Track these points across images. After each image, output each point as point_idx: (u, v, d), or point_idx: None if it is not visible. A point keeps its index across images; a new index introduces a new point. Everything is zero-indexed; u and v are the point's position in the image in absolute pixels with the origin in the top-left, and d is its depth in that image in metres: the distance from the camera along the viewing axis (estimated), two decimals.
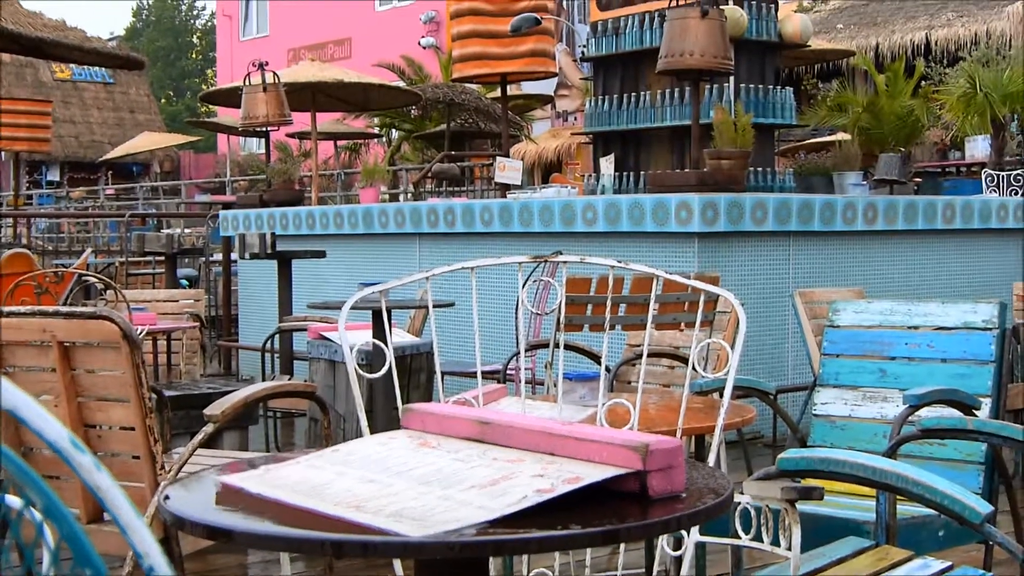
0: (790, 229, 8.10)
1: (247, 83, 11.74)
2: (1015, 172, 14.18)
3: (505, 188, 10.83)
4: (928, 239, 9.02)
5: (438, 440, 2.08)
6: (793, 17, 10.53)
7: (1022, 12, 19.29)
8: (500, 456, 1.94)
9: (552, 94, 24.97)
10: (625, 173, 10.38)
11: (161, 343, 7.73)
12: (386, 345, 3.09)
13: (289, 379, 7.12)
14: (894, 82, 15.18)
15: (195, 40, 74.46)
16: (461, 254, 9.42)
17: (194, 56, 73.81)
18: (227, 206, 14.22)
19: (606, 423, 3.17)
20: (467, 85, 18.10)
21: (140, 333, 5.33)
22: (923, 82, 16.36)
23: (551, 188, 10.08)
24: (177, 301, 8.24)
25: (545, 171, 23.14)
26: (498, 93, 13.50)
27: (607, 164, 10.43)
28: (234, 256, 10.90)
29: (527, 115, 24.06)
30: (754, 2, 9.92)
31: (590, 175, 10.89)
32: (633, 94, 10.45)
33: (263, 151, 15.09)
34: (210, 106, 35.94)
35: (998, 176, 13.96)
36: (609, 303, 3.78)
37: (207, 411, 3.69)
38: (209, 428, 3.69)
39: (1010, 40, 18.80)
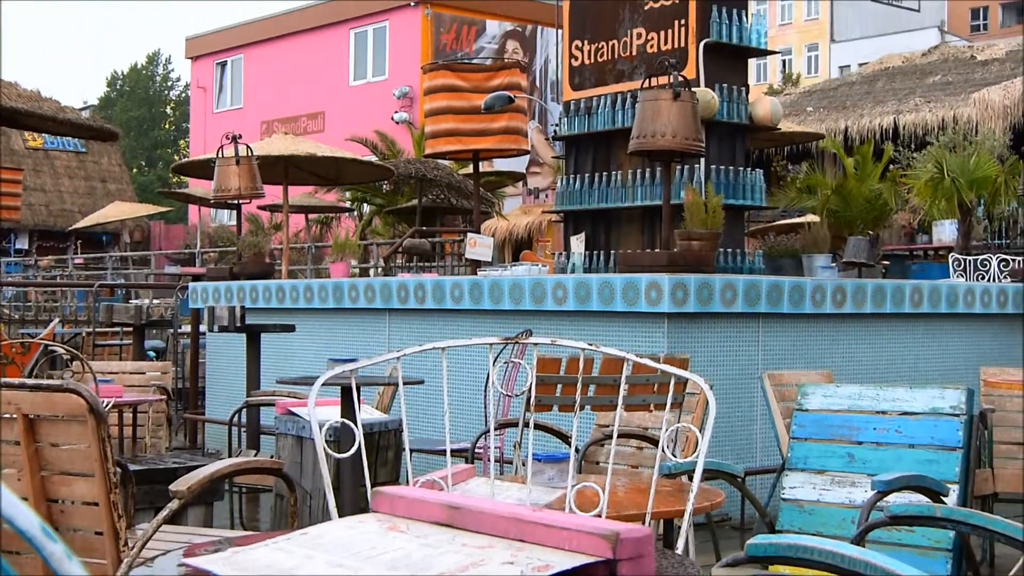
0: (759, 311, 8.13)
1: (220, 155, 11.75)
2: (981, 257, 14.29)
3: (476, 264, 10.85)
4: (896, 323, 9.07)
5: (407, 524, 2.06)
6: (763, 100, 10.64)
7: (988, 99, 19.54)
8: (469, 542, 1.92)
9: (524, 171, 25.13)
10: (596, 252, 10.42)
11: (127, 415, 7.66)
12: (355, 424, 3.07)
13: (256, 454, 7.06)
14: (863, 165, 15.33)
15: (168, 111, 74.69)
16: (431, 330, 9.41)
17: (167, 126, 74.01)
18: (197, 278, 14.17)
19: (575, 506, 3.16)
20: (439, 161, 18.21)
21: (106, 406, 5.28)
22: (891, 166, 16.52)
23: (522, 266, 10.09)
24: (144, 373, 8.19)
25: (516, 248, 23.22)
26: (470, 169, 13.57)
27: (578, 243, 10.47)
28: (203, 328, 10.86)
29: (499, 191, 24.17)
30: (725, 85, 10.02)
31: (561, 253, 10.92)
32: (604, 173, 10.52)
33: (234, 223, 15.09)
34: (182, 177, 35.99)
35: (965, 260, 14.07)
36: (579, 384, 3.78)
37: (173, 487, 3.65)
38: (174, 504, 3.65)
39: (976, 126, 19.03)
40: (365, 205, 25.20)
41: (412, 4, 33.13)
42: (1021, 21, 75.59)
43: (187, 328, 13.18)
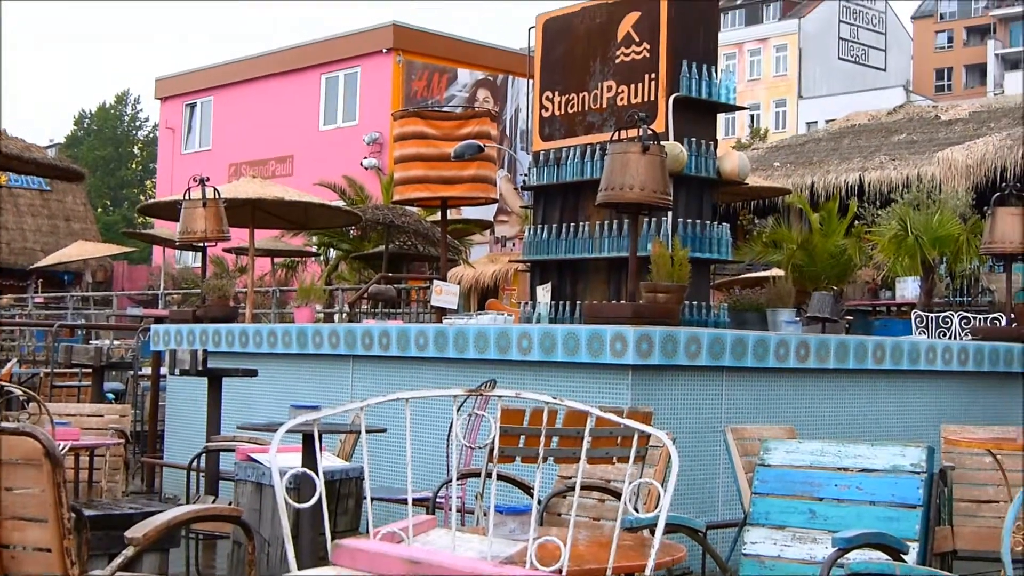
0: (723, 364, 8.14)
1: (187, 197, 11.72)
2: (943, 314, 14.39)
3: (441, 312, 10.83)
4: (859, 378, 9.09)
5: None
6: (731, 155, 10.70)
7: (951, 159, 19.73)
8: None
9: (492, 220, 25.18)
10: (561, 302, 10.42)
11: (83, 459, 7.57)
12: (317, 474, 3.05)
13: (214, 500, 7.00)
14: (828, 221, 15.46)
15: (136, 151, 74.54)
16: (395, 378, 9.37)
17: (134, 166, 73.83)
18: (159, 320, 14.09)
19: (536, 560, 3.13)
20: (407, 208, 18.21)
21: (62, 450, 5.23)
22: (856, 222, 16.65)
23: (487, 315, 10.08)
24: (102, 416, 8.10)
25: (482, 296, 23.22)
26: (438, 216, 13.57)
27: (544, 293, 10.47)
28: (163, 371, 10.78)
29: (466, 239, 24.21)
30: (694, 139, 10.08)
31: (526, 303, 10.92)
32: (572, 224, 10.54)
33: (199, 265, 15.03)
34: (147, 217, 35.88)
35: (927, 317, 14.16)
36: (543, 436, 3.76)
37: (129, 534, 3.60)
38: (129, 552, 3.60)
39: (940, 185, 19.21)
40: (332, 250, 25.18)
41: (384, 50, 33.25)
42: (984, 82, 76.57)
43: (148, 371, 13.08)
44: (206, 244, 12.42)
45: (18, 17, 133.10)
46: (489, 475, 4.39)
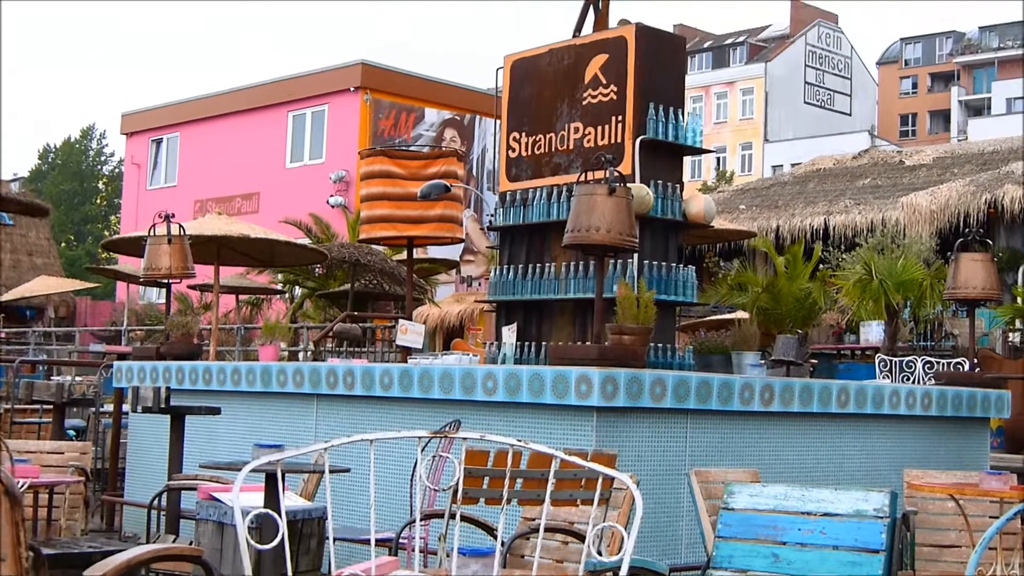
0: (688, 407, 8.14)
1: (152, 233, 11.66)
2: (907, 359, 14.48)
3: (406, 352, 10.80)
4: (823, 422, 9.11)
5: None
6: (698, 197, 10.75)
7: (915, 203, 19.91)
8: None
9: (458, 259, 25.17)
10: (527, 343, 10.41)
11: (43, 496, 7.50)
12: (279, 515, 3.03)
13: (175, 540, 6.94)
14: (793, 264, 15.53)
15: (101, 186, 74.24)
16: (359, 417, 9.33)
17: (99, 202, 73.52)
18: (122, 357, 14.00)
19: None
20: (373, 246, 18.19)
21: (21, 487, 5.17)
22: (821, 266, 16.76)
23: (452, 355, 10.06)
24: (63, 453, 8.03)
25: (447, 335, 23.20)
26: (404, 255, 13.56)
27: (509, 333, 10.47)
28: (125, 408, 10.69)
29: (432, 279, 24.19)
30: (660, 181, 10.12)
31: (492, 343, 10.91)
32: (538, 265, 10.55)
33: (163, 301, 14.94)
34: (111, 253, 35.72)
35: (891, 362, 14.23)
36: (507, 478, 3.75)
37: (87, 573, 3.56)
38: None
39: (904, 229, 19.38)
40: (297, 288, 25.10)
41: (352, 89, 33.29)
42: (948, 128, 77.35)
43: (109, 408, 12.98)
44: (171, 281, 12.36)
45: None
46: (453, 516, 4.37)
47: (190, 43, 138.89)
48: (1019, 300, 16.25)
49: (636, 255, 9.65)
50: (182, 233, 11.68)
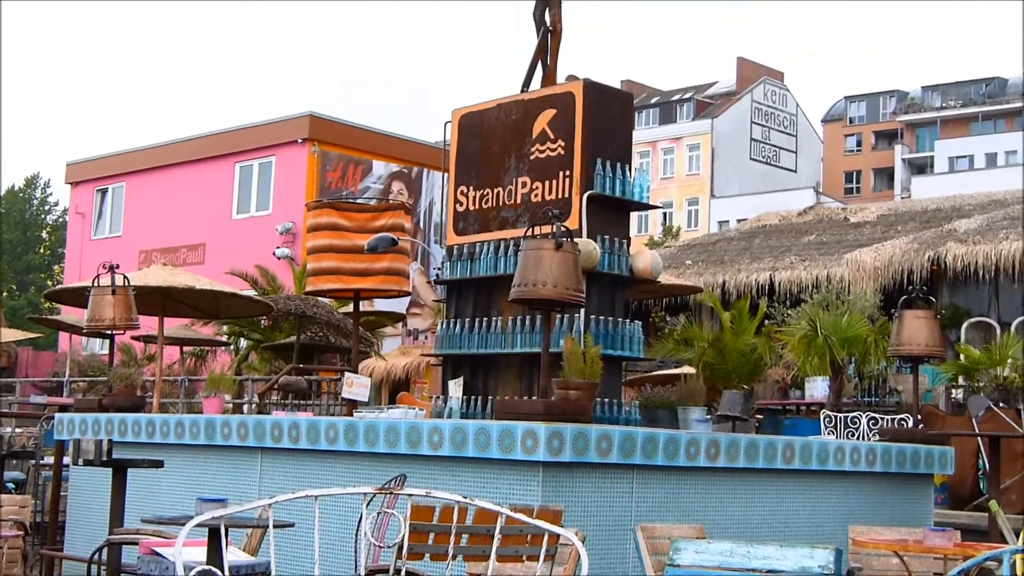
0: (634, 462, 8.13)
1: (96, 284, 11.57)
2: (852, 415, 14.57)
3: (352, 405, 10.74)
4: (768, 478, 9.13)
5: None
6: (644, 253, 10.80)
7: (859, 260, 20.09)
8: None
9: (404, 312, 25.12)
10: (473, 397, 10.39)
11: None
12: (222, 570, 2.99)
13: None
14: (739, 320, 15.63)
15: (44, 235, 73.59)
16: (304, 471, 9.25)
17: (42, 251, 72.85)
18: (63, 408, 13.83)
19: None
20: (320, 299, 18.11)
21: None
22: (767, 321, 16.85)
23: (398, 409, 10.02)
24: (1, 506, 7.91)
25: (393, 388, 23.10)
26: (351, 308, 13.52)
27: (455, 387, 10.44)
28: (66, 461, 10.55)
29: (378, 331, 24.11)
30: (607, 236, 10.16)
31: (438, 397, 10.87)
32: (485, 319, 10.55)
33: (106, 352, 14.80)
34: (54, 303, 35.36)
35: (836, 418, 14.32)
36: (453, 534, 3.72)
37: None
38: None
39: (848, 286, 19.54)
40: (242, 340, 24.94)
41: (299, 140, 33.26)
42: (892, 186, 78.31)
43: (50, 460, 12.80)
44: (114, 332, 12.25)
45: None
46: (398, 572, 4.33)
47: (137, 92, 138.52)
48: (962, 357, 16.41)
49: (583, 310, 9.67)
50: (126, 284, 11.59)
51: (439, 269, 11.57)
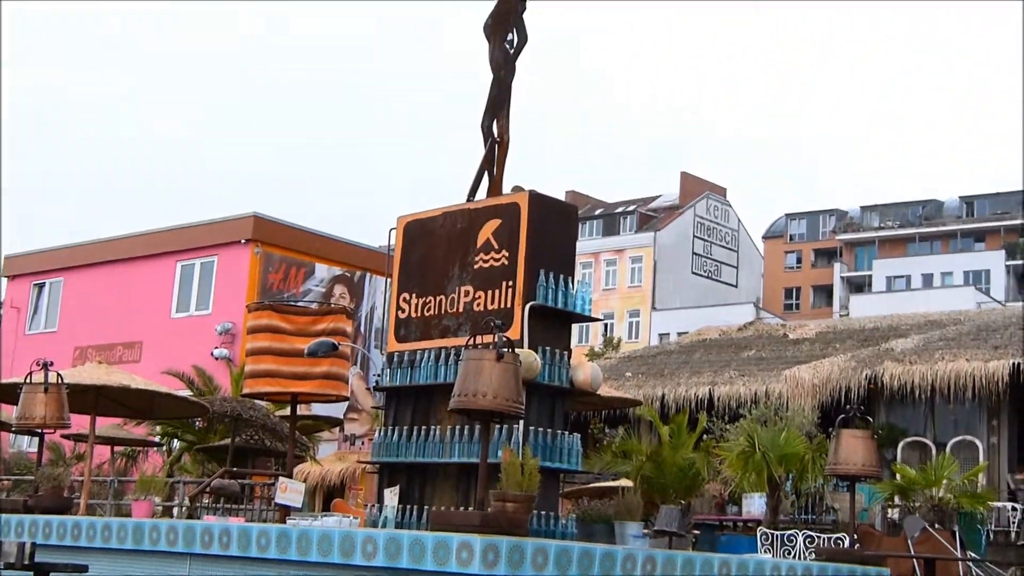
0: None
1: (28, 381, 11.38)
2: (788, 532, 14.51)
3: (285, 511, 10.56)
4: None
5: None
6: (585, 365, 10.78)
7: (798, 377, 20.21)
8: None
9: (342, 417, 24.91)
10: (409, 506, 10.26)
11: None
12: None
13: None
14: (677, 434, 15.63)
15: None
16: None
17: None
18: None
19: None
20: (256, 401, 17.92)
21: None
22: (705, 436, 16.86)
23: (332, 516, 9.86)
24: None
25: (328, 494, 22.82)
26: (288, 411, 13.38)
27: (391, 496, 10.31)
28: None
29: (314, 436, 23.88)
30: (548, 348, 10.14)
31: (373, 505, 10.73)
32: (423, 427, 10.46)
33: (34, 450, 14.52)
34: None
35: (772, 535, 14.26)
36: None
37: None
38: None
39: (787, 401, 19.62)
40: (175, 440, 24.60)
41: (243, 241, 33.19)
42: (831, 303, 79.19)
43: None
44: (44, 431, 12.02)
45: None
46: None
47: (80, 187, 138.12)
48: (898, 476, 16.45)
49: (522, 421, 9.61)
50: (60, 381, 11.41)
51: (379, 375, 11.48)
